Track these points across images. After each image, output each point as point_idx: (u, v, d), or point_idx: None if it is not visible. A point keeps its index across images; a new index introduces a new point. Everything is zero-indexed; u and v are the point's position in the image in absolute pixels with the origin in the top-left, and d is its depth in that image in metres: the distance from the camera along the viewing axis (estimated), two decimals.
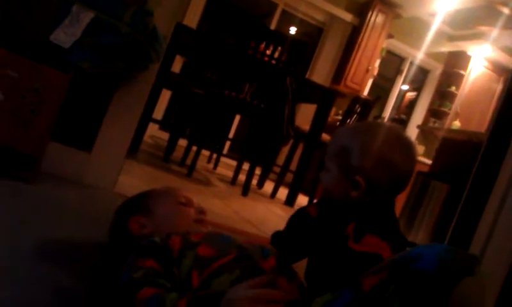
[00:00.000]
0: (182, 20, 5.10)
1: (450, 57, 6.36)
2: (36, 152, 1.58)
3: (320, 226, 1.00)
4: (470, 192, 2.48)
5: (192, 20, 5.28)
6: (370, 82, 6.10)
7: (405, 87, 6.61)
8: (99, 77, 1.74)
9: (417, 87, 6.64)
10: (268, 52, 3.41)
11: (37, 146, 1.58)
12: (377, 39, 5.83)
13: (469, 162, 2.81)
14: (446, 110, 6.19)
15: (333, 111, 5.70)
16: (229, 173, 4.05)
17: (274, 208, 3.34)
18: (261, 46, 3.40)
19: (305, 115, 4.98)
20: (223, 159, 4.44)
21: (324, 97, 3.68)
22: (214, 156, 4.47)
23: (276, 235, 1.09)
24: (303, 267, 1.00)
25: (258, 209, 3.11)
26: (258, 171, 3.93)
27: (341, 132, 1.06)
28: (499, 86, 6.03)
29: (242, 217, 2.58)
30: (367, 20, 5.74)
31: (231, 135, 5.41)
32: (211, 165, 4.43)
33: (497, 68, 6.16)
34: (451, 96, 6.22)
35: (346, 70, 5.87)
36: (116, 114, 1.89)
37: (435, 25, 5.81)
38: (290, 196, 3.67)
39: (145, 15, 1.63)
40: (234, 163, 4.02)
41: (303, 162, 3.69)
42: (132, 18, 1.60)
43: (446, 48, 6.32)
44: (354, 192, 0.97)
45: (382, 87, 6.49)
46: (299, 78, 3.50)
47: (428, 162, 5.31)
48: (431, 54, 6.33)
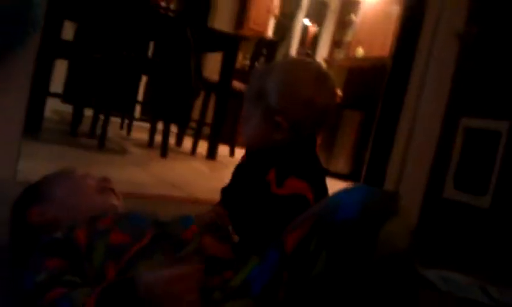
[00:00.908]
0: None
1: None
2: None
3: (246, 174, 0.98)
4: (382, 115, 2.55)
5: None
6: (272, 22, 6.05)
7: (307, 22, 6.64)
8: None
9: (319, 20, 6.69)
10: (163, 3, 3.24)
11: None
12: None
13: (377, 87, 2.89)
14: (349, 39, 6.31)
15: (240, 56, 5.62)
16: (145, 137, 3.89)
17: (196, 164, 3.26)
18: None
19: (212, 65, 4.87)
20: (136, 123, 4.26)
21: (229, 44, 3.59)
22: (127, 122, 4.28)
23: (224, 192, 1.05)
24: None
25: (179, 169, 3.02)
26: (174, 129, 3.82)
27: (256, 75, 1.02)
28: (397, 8, 6.20)
29: (163, 181, 2.49)
30: None
31: (140, 97, 5.20)
32: (124, 132, 4.24)
33: None
34: (352, 25, 6.33)
35: (247, 13, 5.77)
36: (2, 94, 1.69)
37: None
38: (211, 149, 3.60)
39: None
40: (148, 125, 3.87)
41: (218, 113, 3.62)
42: None
43: None
44: (277, 134, 0.94)
45: (284, 26, 6.47)
46: (200, 27, 3.37)
47: (338, 93, 5.44)
48: None
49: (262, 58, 4.00)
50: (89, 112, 3.74)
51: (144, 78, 5.20)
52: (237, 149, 4.00)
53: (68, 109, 4.87)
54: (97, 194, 1.04)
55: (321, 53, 6.51)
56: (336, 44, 6.47)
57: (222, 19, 5.78)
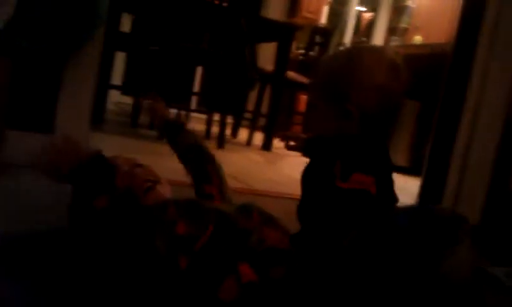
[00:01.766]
0: None
1: None
2: None
3: (309, 169, 0.96)
4: (443, 106, 2.47)
5: None
6: (325, 9, 5.98)
7: (361, 8, 6.51)
8: (44, 54, 1.61)
9: (373, 7, 6.54)
10: None
11: None
12: None
13: (436, 75, 2.79)
14: (405, 26, 6.14)
15: (293, 46, 5.60)
16: (201, 127, 3.96)
17: (252, 155, 3.29)
18: None
19: (266, 55, 4.87)
20: (192, 114, 4.33)
21: (283, 33, 3.57)
22: (183, 113, 4.36)
23: None
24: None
25: (236, 160, 3.05)
26: (230, 120, 3.86)
27: (324, 63, 0.98)
28: None
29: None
30: None
31: (196, 89, 5.27)
32: None
33: None
34: (408, 11, 6.15)
35: (300, 1, 5.72)
36: (70, 88, 1.77)
37: None
38: (266, 141, 3.62)
39: None
40: (204, 117, 3.93)
41: (273, 104, 3.62)
42: None
43: None
44: (346, 124, 0.91)
45: (338, 13, 6.38)
46: (253, 17, 3.38)
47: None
48: None
49: (317, 47, 3.96)
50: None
51: (199, 69, 5.28)
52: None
53: (127, 100, 5.04)
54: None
55: (376, 40, 6.37)
56: (392, 31, 6.31)
57: (274, 8, 5.77)
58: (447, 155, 2.36)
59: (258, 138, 3.73)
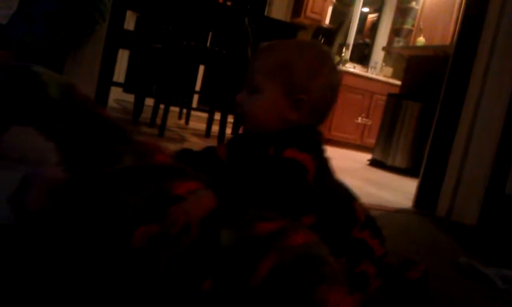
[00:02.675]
0: None
1: None
2: None
3: (229, 169, 0.96)
4: (443, 107, 2.48)
5: None
6: (330, 9, 5.98)
7: (365, 9, 6.51)
8: (46, 48, 1.63)
9: (377, 8, 6.54)
10: None
11: None
12: None
13: (438, 77, 2.80)
14: (409, 27, 6.14)
15: None
16: (202, 126, 3.97)
17: None
18: None
19: None
20: (194, 113, 4.35)
21: (287, 33, 3.58)
22: (185, 111, 4.38)
23: (184, 154, 1.02)
24: None
25: None
26: (230, 118, 3.87)
27: (280, 47, 0.95)
28: None
29: None
30: None
31: (198, 87, 5.28)
32: (183, 121, 4.34)
33: None
34: (412, 13, 6.15)
35: (304, 1, 5.72)
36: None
37: None
38: None
39: None
40: (206, 115, 3.94)
41: None
42: None
43: None
44: (293, 113, 0.90)
45: (342, 13, 6.38)
46: (257, 16, 3.39)
47: (398, 83, 5.31)
48: None
49: None
50: (149, 102, 3.87)
51: (201, 68, 5.29)
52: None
53: (128, 97, 5.06)
54: None
55: (380, 41, 6.37)
56: (396, 32, 6.31)
57: (278, 8, 5.77)
58: (445, 156, 2.37)
59: None
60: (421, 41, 5.43)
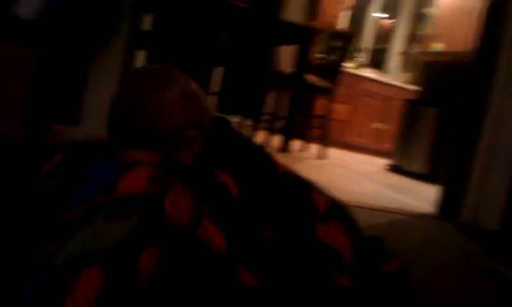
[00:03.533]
0: None
1: None
2: None
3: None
4: (464, 113, 2.45)
5: None
6: (346, 14, 5.95)
7: (381, 15, 6.47)
8: (71, 46, 1.63)
9: (393, 14, 6.50)
10: None
11: None
12: None
13: (456, 82, 2.77)
14: (426, 33, 6.09)
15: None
16: None
17: None
18: None
19: (282, 57, 4.86)
20: None
21: (303, 37, 3.57)
22: None
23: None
24: None
25: None
26: (248, 121, 3.86)
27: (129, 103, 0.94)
28: (477, 1, 5.91)
29: None
30: None
31: (216, 89, 5.28)
32: None
33: None
34: (429, 18, 6.10)
35: (320, 4, 5.70)
36: (95, 82, 1.80)
37: None
38: (284, 143, 3.61)
39: None
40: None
41: (292, 107, 3.61)
42: None
43: None
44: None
45: (357, 18, 6.35)
46: (273, 20, 3.38)
47: (413, 88, 5.27)
48: None
49: (337, 51, 3.95)
50: None
51: (219, 71, 5.28)
52: (311, 144, 3.98)
53: None
54: None
55: (396, 46, 6.33)
56: (412, 38, 6.27)
57: (294, 11, 5.75)
58: (467, 163, 2.34)
59: (276, 141, 3.72)
60: (438, 46, 5.39)
